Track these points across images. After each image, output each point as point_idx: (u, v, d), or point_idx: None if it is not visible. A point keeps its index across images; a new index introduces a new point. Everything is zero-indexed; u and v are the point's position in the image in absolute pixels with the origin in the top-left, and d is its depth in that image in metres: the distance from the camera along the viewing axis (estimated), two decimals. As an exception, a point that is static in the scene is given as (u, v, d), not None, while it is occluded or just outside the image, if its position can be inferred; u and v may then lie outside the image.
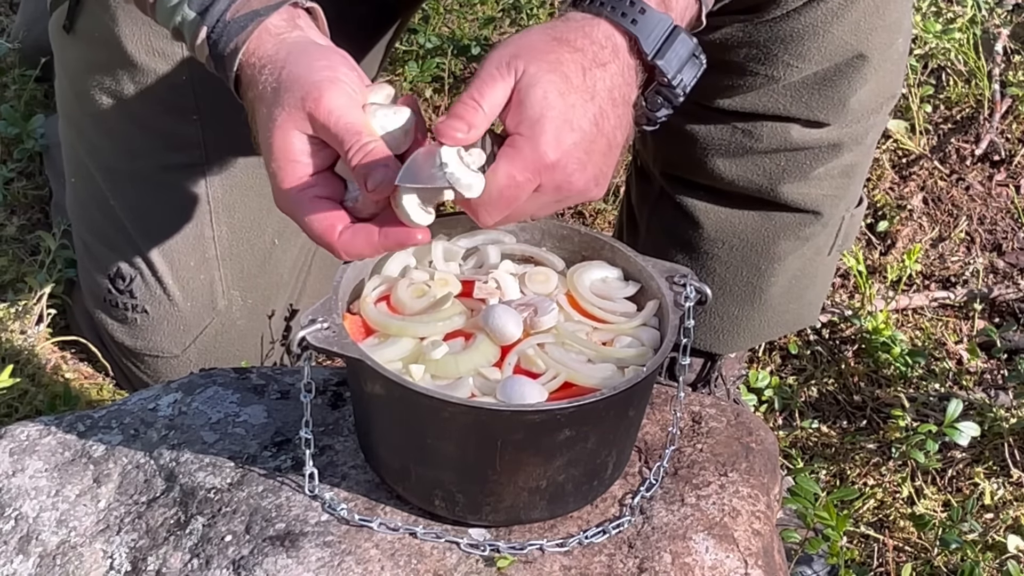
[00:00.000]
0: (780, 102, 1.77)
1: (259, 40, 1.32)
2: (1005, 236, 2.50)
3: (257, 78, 1.31)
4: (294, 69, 1.29)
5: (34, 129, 2.46)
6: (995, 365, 2.29)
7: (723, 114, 1.80)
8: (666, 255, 1.89)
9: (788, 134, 1.79)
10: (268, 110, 1.29)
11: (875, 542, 1.96)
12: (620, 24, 1.31)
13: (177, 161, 1.94)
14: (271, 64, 1.31)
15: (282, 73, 1.30)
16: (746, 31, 1.71)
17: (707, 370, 2.09)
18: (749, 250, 1.88)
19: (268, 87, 1.30)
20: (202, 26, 1.35)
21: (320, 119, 1.27)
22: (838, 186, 1.86)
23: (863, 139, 1.84)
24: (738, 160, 1.82)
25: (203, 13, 1.35)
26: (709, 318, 1.95)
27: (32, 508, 1.36)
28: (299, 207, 1.29)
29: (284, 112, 1.28)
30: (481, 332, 1.32)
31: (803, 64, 1.72)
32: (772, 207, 1.86)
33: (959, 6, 2.76)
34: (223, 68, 1.35)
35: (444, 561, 1.29)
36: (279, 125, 1.28)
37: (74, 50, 1.94)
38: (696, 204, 1.88)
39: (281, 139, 1.28)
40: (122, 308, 2.01)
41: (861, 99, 1.78)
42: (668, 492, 1.37)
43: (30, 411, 2.02)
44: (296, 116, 1.27)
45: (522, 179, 1.25)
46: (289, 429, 1.42)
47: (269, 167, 1.30)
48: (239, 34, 1.33)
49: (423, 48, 2.77)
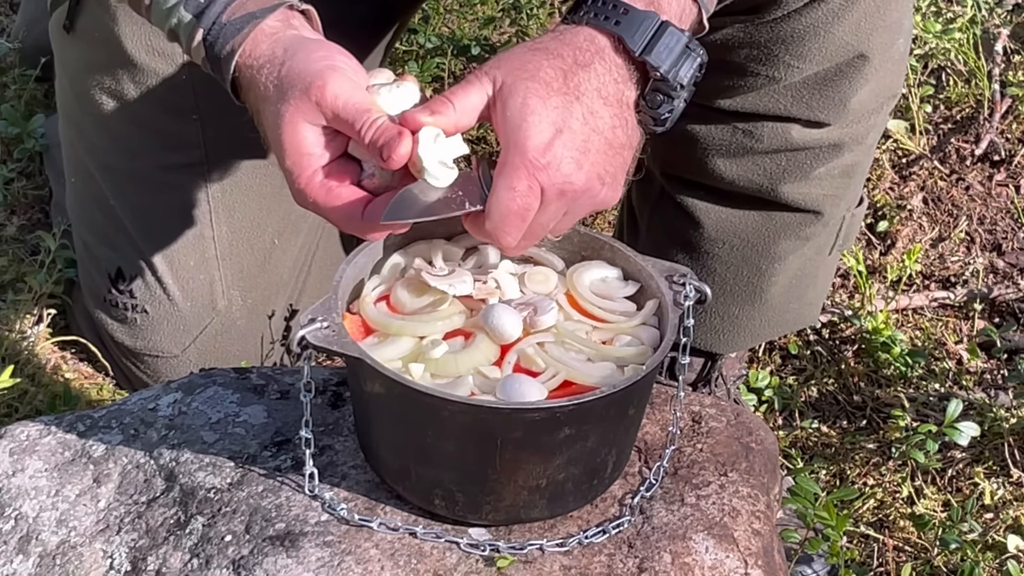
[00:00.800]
0: (781, 102, 1.77)
1: (255, 41, 1.33)
2: (1005, 236, 2.50)
3: (257, 78, 1.32)
4: (293, 64, 1.30)
5: (34, 129, 2.46)
6: (995, 365, 2.29)
7: (723, 114, 1.80)
8: (667, 255, 1.89)
9: (789, 134, 1.79)
10: (274, 108, 1.30)
11: (875, 542, 1.96)
12: (601, 26, 1.31)
13: (177, 161, 1.94)
14: (269, 63, 1.31)
15: (282, 70, 1.30)
16: (747, 32, 1.71)
17: (707, 370, 2.09)
18: (750, 250, 1.88)
19: (270, 86, 1.30)
20: (198, 28, 1.35)
21: (327, 105, 1.28)
22: (839, 186, 1.86)
23: (864, 139, 1.84)
24: (739, 160, 1.82)
25: (199, 15, 1.35)
26: (709, 318, 1.95)
27: (32, 508, 1.36)
28: (319, 198, 1.30)
29: (291, 106, 1.28)
30: (481, 331, 1.32)
31: (804, 64, 1.72)
32: (773, 207, 1.86)
33: (959, 6, 2.76)
34: (220, 70, 1.35)
35: (444, 561, 1.29)
36: (287, 120, 1.29)
37: (74, 50, 1.94)
38: (697, 204, 1.88)
39: (291, 134, 1.29)
40: (122, 308, 2.01)
41: (862, 99, 1.78)
42: (668, 492, 1.37)
43: (30, 411, 2.02)
44: (303, 108, 1.28)
45: (520, 187, 1.25)
46: (289, 429, 1.42)
47: (284, 165, 1.31)
48: (235, 36, 1.33)
49: (423, 48, 2.77)
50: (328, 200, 1.29)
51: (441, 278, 1.33)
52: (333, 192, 1.29)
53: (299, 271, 2.07)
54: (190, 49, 1.38)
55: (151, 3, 1.40)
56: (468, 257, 1.43)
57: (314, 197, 1.30)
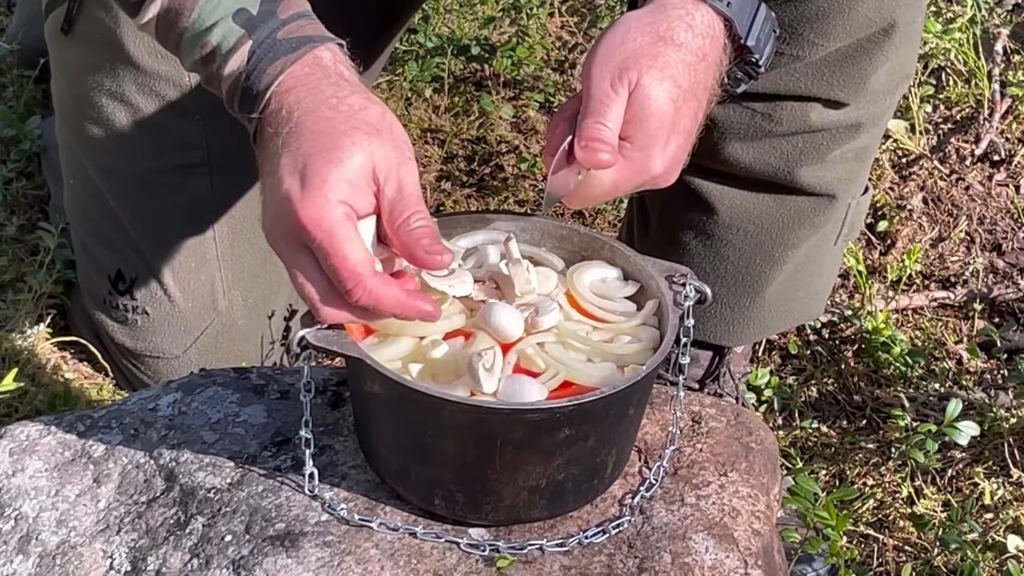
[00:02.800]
0: (802, 81, 1.76)
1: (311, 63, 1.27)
2: (1005, 236, 2.50)
3: (315, 107, 1.25)
4: (385, 123, 1.25)
5: (31, 130, 2.46)
6: (995, 365, 2.29)
7: (743, 96, 1.79)
8: (679, 243, 1.88)
9: (808, 116, 1.78)
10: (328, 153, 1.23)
11: (875, 542, 1.96)
12: (718, 8, 1.31)
13: (179, 162, 1.94)
14: (329, 101, 1.26)
15: (362, 114, 1.25)
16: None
17: (715, 365, 2.08)
18: (763, 236, 1.88)
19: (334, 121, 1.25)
20: (248, 39, 1.29)
21: (394, 185, 1.24)
22: (851, 169, 1.86)
23: (879, 120, 1.84)
24: (756, 144, 1.81)
25: (251, 29, 1.30)
26: (719, 309, 1.95)
27: (32, 508, 1.36)
28: (378, 290, 1.22)
29: (368, 147, 1.23)
30: (481, 331, 1.32)
31: (827, 42, 1.71)
32: (787, 191, 1.85)
33: (959, 6, 2.76)
34: (256, 83, 1.28)
35: (444, 561, 1.29)
36: (353, 151, 1.23)
37: (72, 52, 1.94)
38: (711, 188, 1.87)
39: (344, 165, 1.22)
40: (122, 309, 2.01)
41: (880, 78, 1.77)
42: (668, 492, 1.37)
43: (30, 411, 2.02)
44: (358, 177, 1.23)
45: (625, 187, 1.30)
46: (289, 429, 1.42)
47: (335, 254, 1.21)
48: (288, 54, 1.28)
49: (423, 48, 2.77)
50: (385, 294, 1.22)
51: (441, 278, 1.32)
52: (348, 238, 1.21)
53: (299, 271, 2.07)
54: (226, 61, 1.31)
55: (188, 25, 1.32)
56: (468, 257, 1.43)
57: (317, 233, 1.21)
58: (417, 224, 1.23)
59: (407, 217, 1.23)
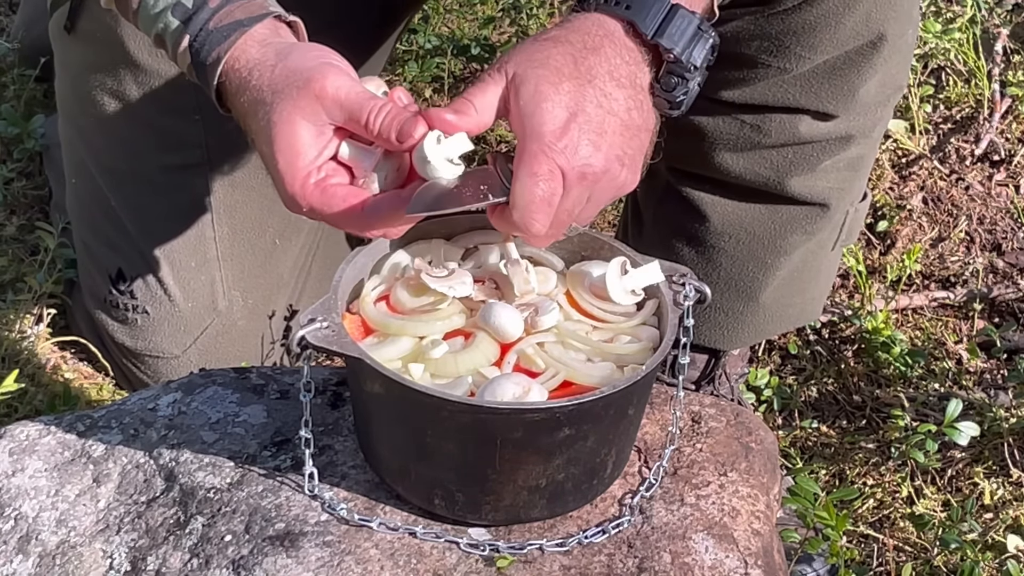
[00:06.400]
0: (790, 93, 1.76)
1: (243, 47, 1.32)
2: (1005, 236, 2.50)
3: (248, 80, 1.31)
4: (288, 63, 1.30)
5: (34, 129, 2.46)
6: (995, 365, 2.29)
7: (731, 107, 1.79)
8: (671, 249, 1.88)
9: (797, 128, 1.78)
10: (268, 108, 1.29)
11: (875, 542, 1.96)
12: (611, 12, 1.31)
13: (179, 161, 1.94)
14: (260, 66, 1.31)
15: (275, 70, 1.30)
16: (757, 23, 1.71)
17: (711, 367, 2.09)
18: (756, 243, 1.88)
19: (263, 87, 1.30)
20: (184, 34, 1.35)
21: (330, 97, 1.27)
22: (844, 179, 1.86)
23: (870, 132, 1.83)
24: (746, 154, 1.81)
25: (186, 22, 1.35)
26: (713, 314, 1.95)
27: (32, 508, 1.36)
28: (314, 199, 1.29)
29: (288, 103, 1.28)
30: (481, 331, 1.32)
31: (815, 55, 1.71)
32: (779, 200, 1.85)
33: (959, 6, 2.76)
34: (205, 76, 1.34)
35: (444, 561, 1.29)
36: (284, 118, 1.28)
37: (75, 50, 1.94)
38: (703, 197, 1.87)
39: (287, 132, 1.28)
40: (123, 309, 2.01)
41: (870, 90, 1.77)
42: (668, 492, 1.37)
43: (30, 411, 2.02)
44: (301, 104, 1.27)
45: (542, 172, 1.25)
46: (289, 429, 1.42)
47: (276, 168, 1.29)
48: (222, 43, 1.33)
49: (423, 48, 2.77)
50: (325, 200, 1.28)
51: (441, 279, 1.32)
52: (329, 191, 1.28)
53: (299, 271, 2.07)
54: (176, 55, 1.37)
55: (138, 7, 1.39)
56: (468, 257, 1.43)
57: (309, 199, 1.29)
58: (379, 120, 1.27)
59: (365, 121, 1.27)
